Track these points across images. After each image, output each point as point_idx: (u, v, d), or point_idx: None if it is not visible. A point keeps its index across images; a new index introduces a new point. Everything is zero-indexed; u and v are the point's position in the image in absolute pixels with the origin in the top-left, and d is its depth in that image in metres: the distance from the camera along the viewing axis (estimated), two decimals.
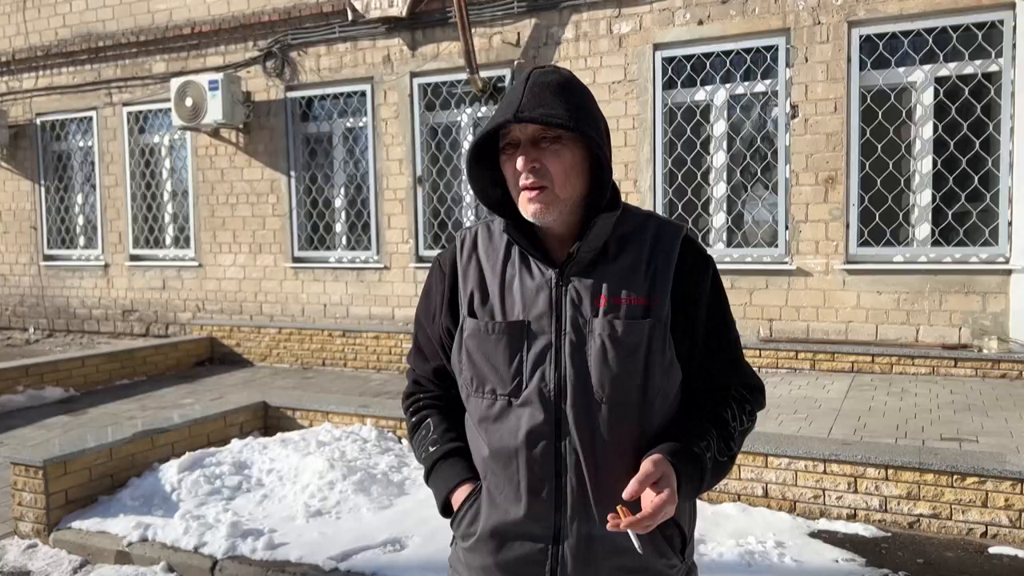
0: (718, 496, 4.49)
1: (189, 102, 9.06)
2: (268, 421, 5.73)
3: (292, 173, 9.32)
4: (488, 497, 1.49)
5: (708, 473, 1.43)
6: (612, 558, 1.44)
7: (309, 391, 7.18)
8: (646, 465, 1.33)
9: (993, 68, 6.40)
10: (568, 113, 1.37)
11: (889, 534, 3.99)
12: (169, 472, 4.57)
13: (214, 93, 8.92)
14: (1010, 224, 6.31)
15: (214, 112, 8.95)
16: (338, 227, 9.27)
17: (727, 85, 7.32)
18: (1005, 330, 6.31)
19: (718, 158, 7.40)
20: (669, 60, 7.46)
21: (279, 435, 5.20)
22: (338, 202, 9.24)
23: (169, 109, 9.46)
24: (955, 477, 3.98)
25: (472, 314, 1.50)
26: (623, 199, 1.51)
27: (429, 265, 7.74)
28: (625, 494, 1.31)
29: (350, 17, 8.63)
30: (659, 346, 1.43)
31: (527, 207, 1.42)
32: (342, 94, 9.05)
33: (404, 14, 8.31)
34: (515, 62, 8.02)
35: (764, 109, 7.28)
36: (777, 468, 4.38)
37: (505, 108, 1.40)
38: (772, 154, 7.20)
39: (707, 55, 7.33)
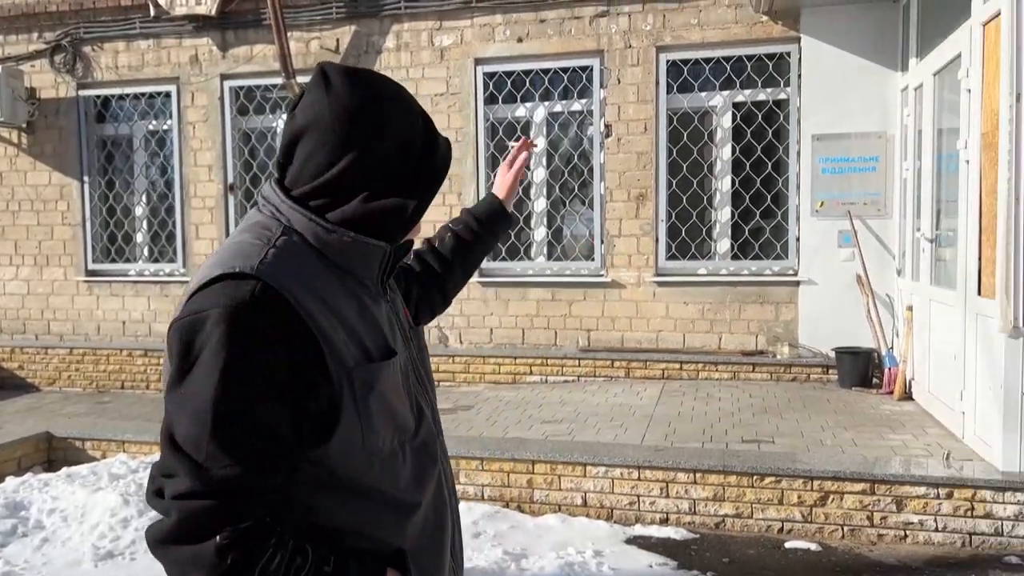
0: (540, 508, 4.53)
1: None
2: (53, 454, 5.15)
3: (85, 178, 8.50)
4: (417, 565, 1.31)
5: None
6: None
7: (104, 418, 6.54)
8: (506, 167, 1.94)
9: (782, 96, 6.99)
10: None
11: (698, 535, 4.18)
12: None
13: None
14: (798, 240, 6.89)
15: None
16: (139, 237, 8.56)
17: (546, 103, 7.49)
18: (795, 336, 6.88)
19: (538, 174, 7.55)
20: (490, 75, 7.53)
21: (64, 470, 4.68)
22: (139, 210, 8.54)
23: None
24: (755, 478, 4.25)
25: (362, 360, 1.21)
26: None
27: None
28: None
29: (152, 12, 8.02)
30: None
31: (419, 229, 1.39)
32: (144, 94, 8.38)
33: (213, 13, 7.84)
34: None
35: (581, 127, 7.52)
36: (595, 477, 4.48)
37: (431, 130, 1.35)
38: (588, 171, 7.44)
39: (527, 72, 7.47)
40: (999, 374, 4.11)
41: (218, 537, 1.08)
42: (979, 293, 4.55)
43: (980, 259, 4.55)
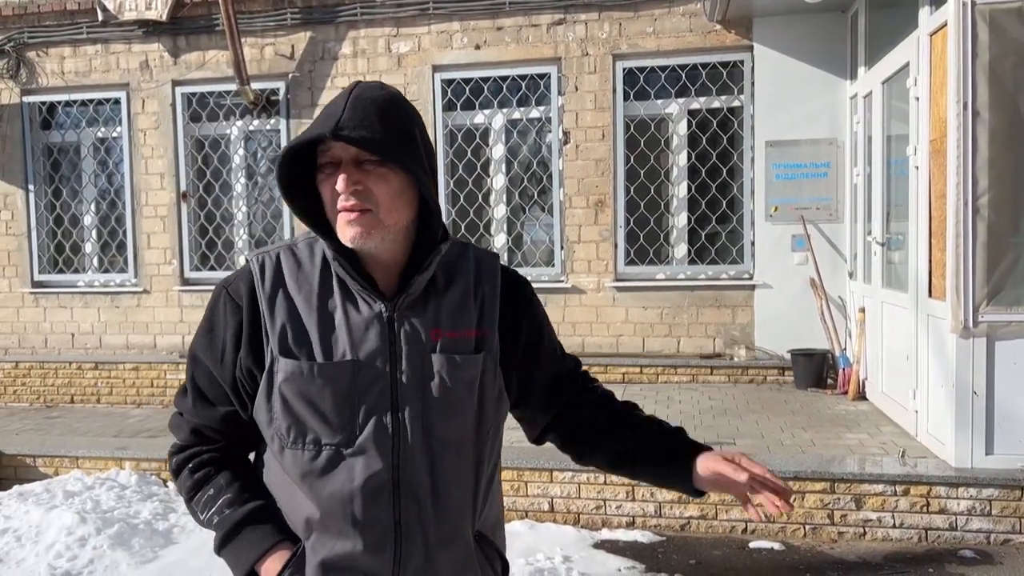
0: (507, 515, 4.52)
1: None
2: (2, 472, 4.98)
3: (31, 187, 8.26)
4: (315, 559, 1.33)
5: None
6: None
7: (53, 434, 6.34)
8: (723, 458, 1.40)
9: (736, 103, 7.12)
10: (391, 139, 1.26)
11: (664, 538, 4.22)
12: None
13: None
14: (753, 244, 7.02)
15: None
16: (88, 247, 8.34)
17: (504, 110, 7.52)
18: (751, 339, 7.00)
19: (497, 180, 7.56)
20: (448, 82, 7.53)
21: (16, 488, 4.54)
22: (88, 219, 8.32)
23: None
24: None
25: (286, 354, 1.31)
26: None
27: (196, 289, 7.10)
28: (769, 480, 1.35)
29: (100, 17, 7.84)
30: (491, 379, 1.40)
31: (346, 230, 1.29)
32: (92, 101, 8.18)
33: (164, 18, 7.69)
34: (290, 75, 7.70)
35: (539, 134, 7.56)
36: (562, 482, 4.50)
37: (323, 122, 1.26)
38: (547, 178, 7.48)
39: (485, 79, 7.48)
40: (951, 373, 4.24)
41: (171, 445, 1.45)
42: (930, 295, 4.69)
43: (930, 262, 4.69)
